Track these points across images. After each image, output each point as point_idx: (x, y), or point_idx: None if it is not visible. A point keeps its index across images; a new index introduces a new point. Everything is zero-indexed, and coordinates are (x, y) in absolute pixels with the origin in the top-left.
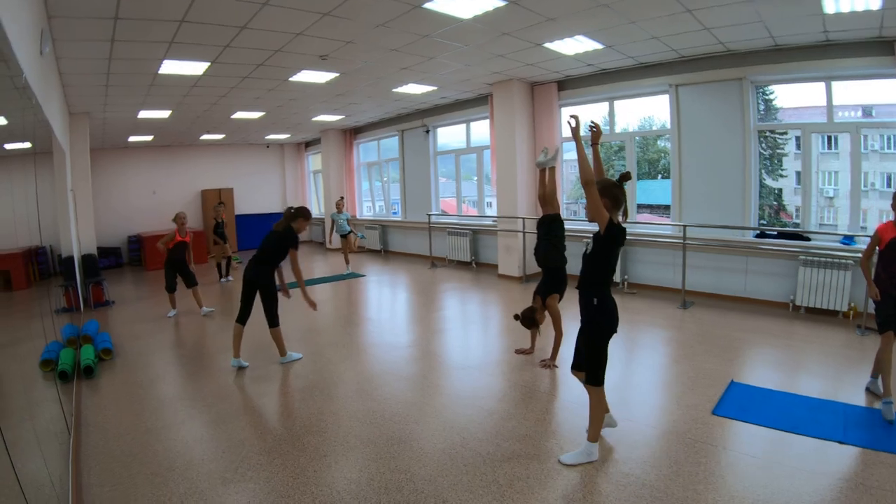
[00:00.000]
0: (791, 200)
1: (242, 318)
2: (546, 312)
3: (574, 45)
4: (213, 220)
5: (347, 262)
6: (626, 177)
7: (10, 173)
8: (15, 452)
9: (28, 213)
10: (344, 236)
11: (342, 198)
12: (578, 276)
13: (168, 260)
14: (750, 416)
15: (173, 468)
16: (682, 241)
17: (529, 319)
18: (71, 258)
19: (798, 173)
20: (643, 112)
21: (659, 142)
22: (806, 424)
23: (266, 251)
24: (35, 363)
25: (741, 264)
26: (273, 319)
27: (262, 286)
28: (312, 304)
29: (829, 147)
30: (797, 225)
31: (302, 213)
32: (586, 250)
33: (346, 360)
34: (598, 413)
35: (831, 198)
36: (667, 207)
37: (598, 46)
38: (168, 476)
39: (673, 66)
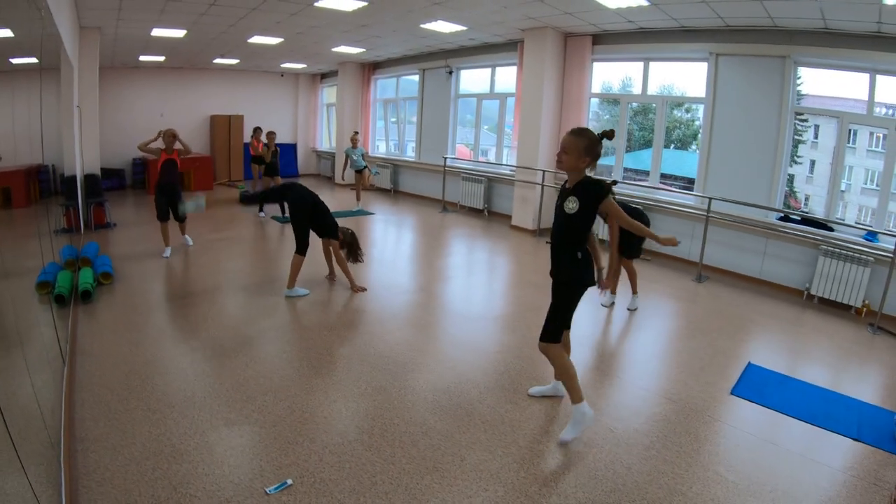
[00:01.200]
0: (802, 188)
1: (300, 248)
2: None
3: None
4: (257, 147)
5: (359, 198)
6: (608, 134)
7: (13, 88)
8: (3, 380)
9: (31, 129)
10: (358, 172)
11: (357, 132)
12: (553, 232)
13: (157, 184)
14: (767, 401)
15: (173, 405)
16: (705, 213)
17: None
18: (73, 178)
19: (813, 161)
20: (667, 78)
21: (675, 111)
22: (822, 416)
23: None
24: (31, 285)
25: (760, 245)
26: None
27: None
28: None
29: (848, 141)
30: (806, 212)
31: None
32: (568, 209)
33: (354, 301)
34: (567, 370)
35: (843, 191)
36: (675, 177)
37: (644, 3)
38: (167, 413)
39: (715, 33)
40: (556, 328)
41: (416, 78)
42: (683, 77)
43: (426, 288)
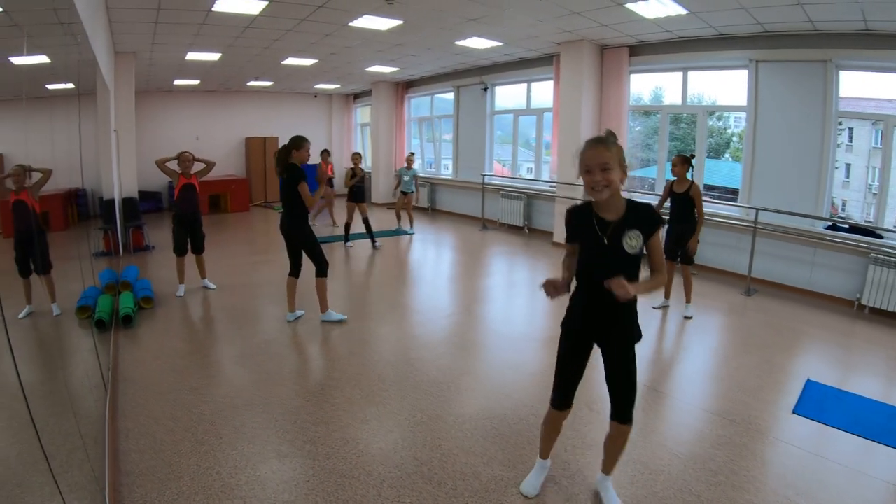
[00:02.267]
0: (839, 193)
1: (294, 271)
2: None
3: (657, 8)
4: (326, 170)
5: (399, 218)
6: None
7: (52, 113)
8: (44, 407)
9: (69, 153)
10: (405, 193)
11: (413, 153)
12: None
13: (176, 214)
14: (830, 419)
15: (221, 435)
16: (752, 225)
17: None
18: (112, 201)
19: (848, 165)
20: (698, 87)
21: (709, 120)
22: (887, 433)
23: (285, 202)
24: (71, 309)
25: (808, 255)
26: (319, 267)
27: (297, 237)
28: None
29: (876, 142)
30: (843, 218)
31: (294, 143)
32: (630, 247)
33: (401, 326)
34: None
35: (875, 194)
36: (709, 187)
37: (682, 11)
38: (215, 445)
39: (754, 40)
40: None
41: (450, 95)
42: (717, 85)
43: (472, 309)
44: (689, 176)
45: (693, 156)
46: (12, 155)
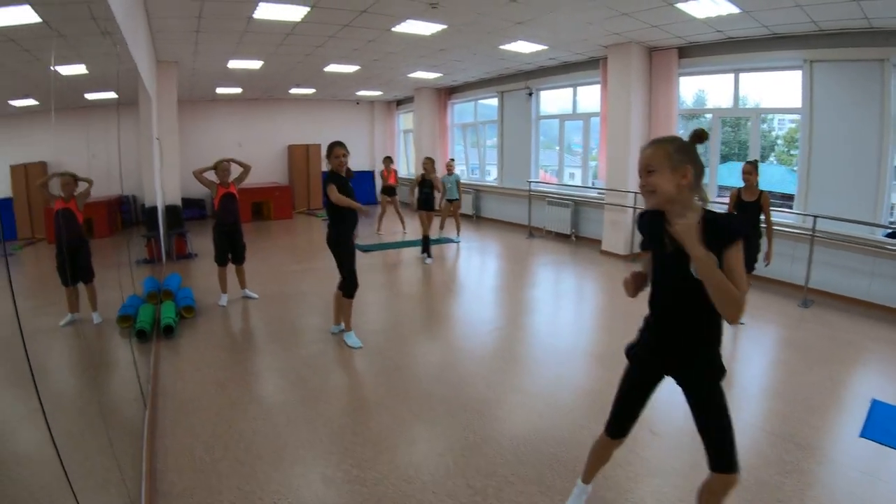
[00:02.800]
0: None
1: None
2: None
3: (709, 8)
4: (387, 177)
5: (442, 226)
6: (700, 136)
7: (94, 122)
8: (80, 424)
9: (109, 161)
10: (449, 201)
11: (452, 160)
12: (668, 304)
13: (217, 224)
14: None
15: (262, 455)
16: (809, 233)
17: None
18: (154, 208)
19: None
20: (744, 90)
21: (748, 122)
22: None
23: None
24: (112, 318)
25: (867, 265)
26: (344, 285)
27: (331, 247)
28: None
29: None
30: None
31: (329, 151)
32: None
33: (447, 339)
34: None
35: None
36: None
37: (735, 10)
38: (256, 465)
39: (808, 39)
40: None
41: (493, 101)
42: (764, 87)
43: (519, 321)
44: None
45: (756, 161)
46: (56, 164)
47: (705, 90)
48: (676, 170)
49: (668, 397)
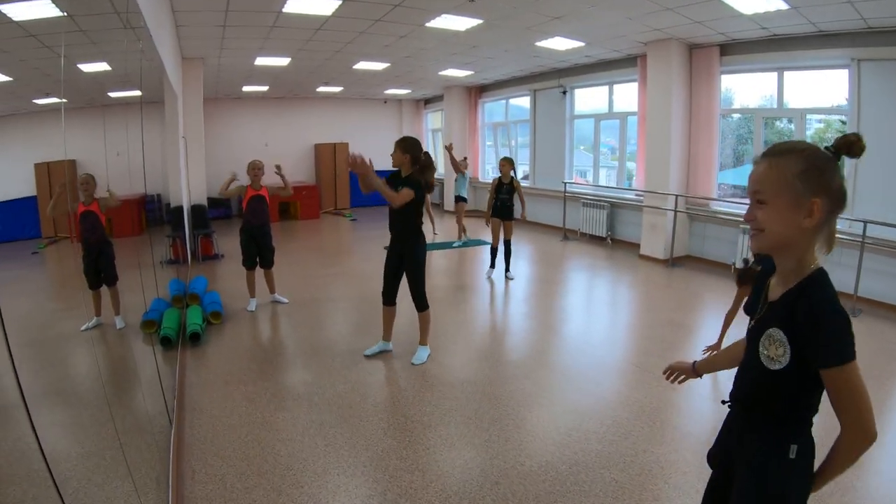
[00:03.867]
0: None
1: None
2: None
3: (756, 2)
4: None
5: (463, 230)
6: (851, 146)
7: (120, 120)
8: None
9: (132, 160)
10: (459, 200)
11: (465, 158)
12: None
13: (244, 226)
14: None
15: (301, 484)
16: (858, 239)
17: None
18: (180, 208)
19: None
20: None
21: (777, 123)
22: None
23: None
24: (136, 322)
25: None
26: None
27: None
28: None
29: None
30: None
31: (418, 147)
32: (767, 356)
33: (481, 349)
34: None
35: None
36: None
37: (783, 6)
38: (295, 496)
39: (855, 37)
40: None
41: (525, 100)
42: (802, 86)
43: (564, 331)
44: None
45: None
46: (85, 162)
47: (732, 88)
48: (799, 204)
49: None
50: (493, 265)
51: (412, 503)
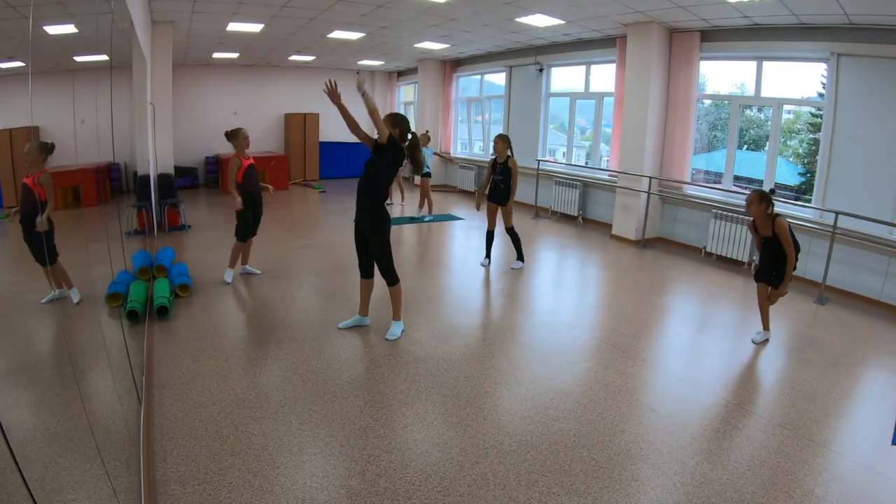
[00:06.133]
0: None
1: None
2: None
3: None
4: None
5: (421, 205)
6: None
7: (83, 83)
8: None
9: (100, 126)
10: (423, 176)
11: (427, 131)
12: None
13: (247, 196)
14: None
15: (277, 464)
16: (830, 230)
17: None
18: (147, 177)
19: None
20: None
21: (748, 111)
22: None
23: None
24: (100, 296)
25: (882, 264)
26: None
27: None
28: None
29: None
30: None
31: (403, 121)
32: None
33: (449, 330)
34: None
35: None
36: (748, 180)
37: None
38: (271, 476)
39: (836, 31)
40: None
41: (500, 76)
42: (774, 77)
43: (538, 308)
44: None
45: (773, 191)
46: (50, 128)
47: (705, 74)
48: None
49: None
50: (487, 255)
51: (392, 483)
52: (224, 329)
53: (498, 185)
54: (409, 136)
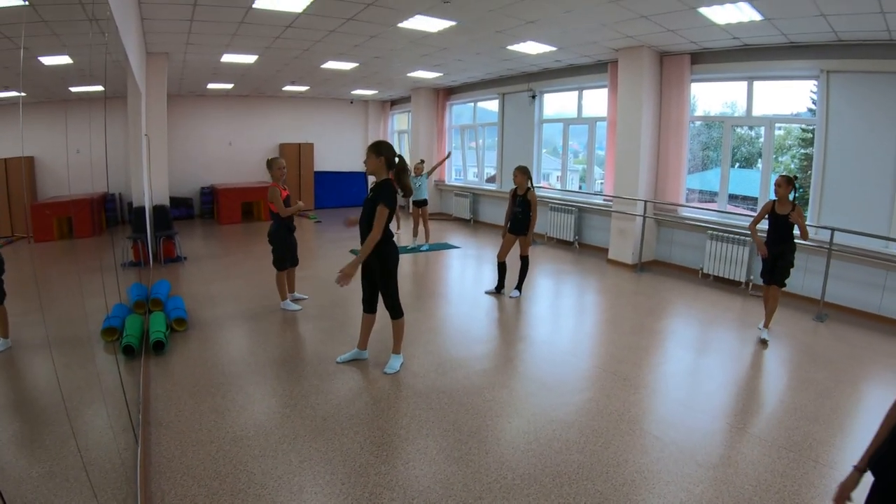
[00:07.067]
0: None
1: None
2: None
3: (731, 13)
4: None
5: (415, 234)
6: None
7: (81, 115)
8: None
9: (94, 157)
10: (418, 204)
11: (422, 161)
12: None
13: (284, 226)
14: None
15: None
16: (826, 246)
17: None
18: (142, 208)
19: None
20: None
21: (739, 130)
22: None
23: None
24: (96, 330)
25: (879, 278)
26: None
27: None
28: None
29: None
30: None
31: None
32: None
33: (448, 363)
34: None
35: None
36: (742, 198)
37: (757, 17)
38: None
39: (825, 49)
40: None
41: (493, 103)
42: (767, 95)
43: (536, 337)
44: (791, 197)
45: (796, 177)
46: (44, 159)
47: (696, 95)
48: None
49: None
50: (498, 285)
51: None
52: (221, 364)
53: (517, 216)
54: (396, 159)
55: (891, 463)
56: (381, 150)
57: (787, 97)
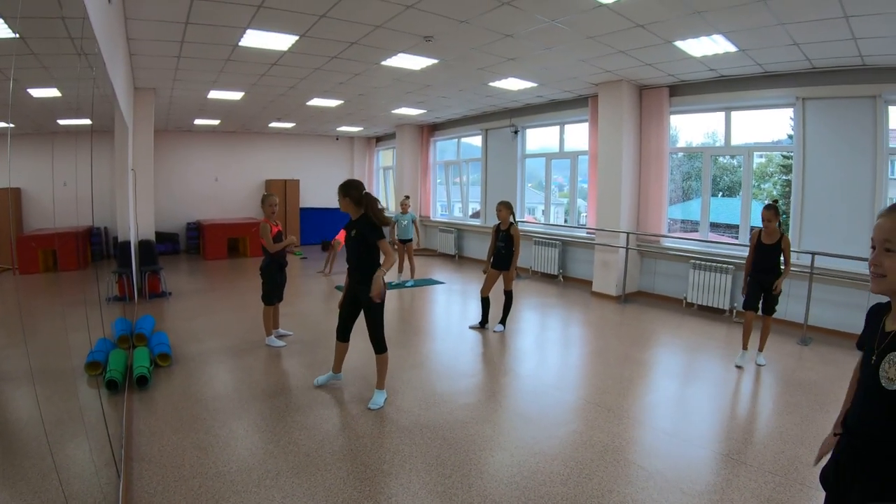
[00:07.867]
0: None
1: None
2: None
3: (706, 46)
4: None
5: (401, 270)
6: None
7: (63, 148)
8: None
9: (79, 191)
10: (403, 242)
11: (407, 197)
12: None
13: (275, 261)
14: None
15: None
16: (807, 270)
17: None
18: (127, 243)
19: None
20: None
21: (721, 159)
22: None
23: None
24: (80, 364)
25: (861, 299)
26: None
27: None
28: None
29: None
30: None
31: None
32: (885, 378)
33: (431, 397)
34: None
35: None
36: (725, 226)
37: (732, 49)
38: None
39: (799, 77)
40: None
41: (477, 139)
42: (744, 124)
43: (521, 370)
44: (778, 226)
45: (776, 201)
46: (30, 191)
47: (676, 127)
48: None
49: None
50: (482, 320)
51: None
52: (205, 399)
53: (500, 251)
54: (364, 195)
55: (855, 415)
56: (347, 191)
57: (767, 125)
